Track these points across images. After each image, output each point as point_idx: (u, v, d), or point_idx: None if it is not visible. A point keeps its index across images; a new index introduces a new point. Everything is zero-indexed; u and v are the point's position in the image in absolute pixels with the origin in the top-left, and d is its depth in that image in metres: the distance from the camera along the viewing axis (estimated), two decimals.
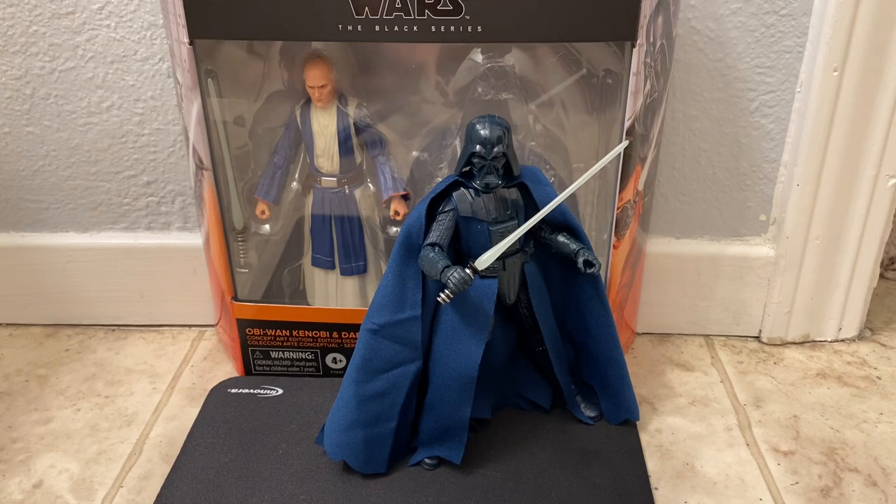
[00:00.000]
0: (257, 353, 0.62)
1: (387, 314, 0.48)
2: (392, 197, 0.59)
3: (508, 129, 0.45)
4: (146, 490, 0.53)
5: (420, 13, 0.48)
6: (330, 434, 0.50)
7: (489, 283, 0.47)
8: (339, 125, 0.57)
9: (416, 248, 0.47)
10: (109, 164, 0.67)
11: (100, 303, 0.72)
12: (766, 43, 0.61)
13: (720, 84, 0.63)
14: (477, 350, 0.48)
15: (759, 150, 0.65)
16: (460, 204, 0.46)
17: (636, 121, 0.52)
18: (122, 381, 0.65)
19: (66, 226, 0.70)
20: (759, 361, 0.67)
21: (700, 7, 0.60)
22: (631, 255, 0.60)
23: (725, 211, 0.68)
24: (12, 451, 0.57)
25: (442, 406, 0.50)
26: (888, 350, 0.69)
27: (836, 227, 0.65)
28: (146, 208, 0.69)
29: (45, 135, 0.66)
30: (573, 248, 0.48)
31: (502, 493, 0.49)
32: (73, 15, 0.62)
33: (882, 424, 0.59)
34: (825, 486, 0.53)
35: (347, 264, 0.61)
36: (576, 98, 0.59)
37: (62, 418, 0.61)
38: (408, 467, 0.51)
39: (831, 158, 0.62)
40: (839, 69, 0.59)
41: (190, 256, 0.69)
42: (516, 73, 0.57)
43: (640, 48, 0.49)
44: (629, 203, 0.56)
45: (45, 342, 0.71)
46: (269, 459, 0.52)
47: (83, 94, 0.64)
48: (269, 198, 0.60)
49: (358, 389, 0.49)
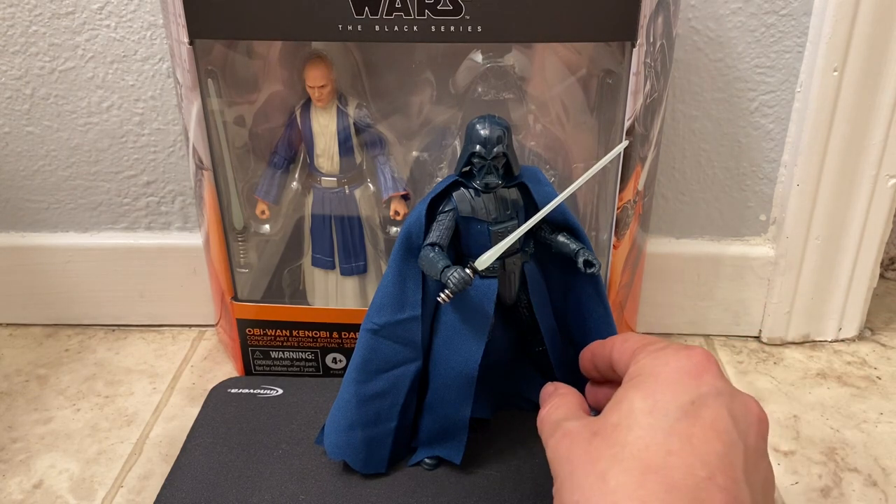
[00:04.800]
0: (257, 353, 0.62)
1: (387, 314, 0.48)
2: (392, 197, 0.59)
3: (508, 129, 0.45)
4: (146, 490, 0.53)
5: (420, 13, 0.48)
6: (330, 434, 0.50)
7: (489, 283, 0.47)
8: (339, 125, 0.57)
9: (416, 248, 0.47)
10: (109, 164, 0.67)
11: (100, 303, 0.72)
12: (766, 43, 0.61)
13: (720, 84, 0.63)
14: (477, 350, 0.48)
15: (759, 150, 0.65)
16: (460, 204, 0.46)
17: (636, 121, 0.52)
18: (122, 381, 0.65)
19: (66, 226, 0.70)
20: (759, 361, 0.68)
21: (700, 7, 0.60)
22: (631, 255, 0.60)
23: (725, 211, 0.68)
24: (12, 451, 0.57)
25: (442, 406, 0.50)
26: (888, 350, 0.69)
27: (836, 227, 0.65)
28: (146, 208, 0.69)
29: (45, 135, 0.66)
30: (573, 248, 0.48)
31: (502, 493, 0.49)
32: (73, 15, 0.62)
33: (882, 424, 0.59)
34: (825, 486, 0.53)
35: (347, 264, 0.61)
36: (576, 98, 0.59)
37: (62, 418, 0.61)
38: (408, 467, 0.51)
39: (831, 158, 0.62)
40: (839, 69, 0.59)
41: (190, 256, 0.69)
42: (516, 72, 0.57)
43: (640, 48, 0.49)
44: (629, 203, 0.56)
45: (45, 342, 0.71)
46: (269, 459, 0.52)
47: (83, 94, 0.65)
48: (269, 198, 0.60)
49: (358, 389, 0.49)
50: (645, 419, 0.34)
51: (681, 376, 0.36)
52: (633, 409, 0.35)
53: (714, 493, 0.32)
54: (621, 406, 0.36)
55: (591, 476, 0.34)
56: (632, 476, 0.32)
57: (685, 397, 0.35)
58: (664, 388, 0.36)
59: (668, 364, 0.37)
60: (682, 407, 0.34)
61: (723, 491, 0.32)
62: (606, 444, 0.34)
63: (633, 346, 0.40)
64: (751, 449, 0.35)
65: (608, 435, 0.35)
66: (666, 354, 0.38)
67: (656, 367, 0.37)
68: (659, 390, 0.35)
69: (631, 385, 0.37)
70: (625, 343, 0.41)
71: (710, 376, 0.36)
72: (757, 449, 0.35)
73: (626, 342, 0.41)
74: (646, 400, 0.35)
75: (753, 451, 0.35)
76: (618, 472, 0.33)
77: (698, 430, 0.34)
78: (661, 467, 0.32)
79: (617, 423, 0.35)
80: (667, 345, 0.39)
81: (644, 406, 0.35)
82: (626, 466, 0.33)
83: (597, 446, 0.35)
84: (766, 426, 0.37)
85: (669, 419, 0.34)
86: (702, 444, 0.33)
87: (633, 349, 0.40)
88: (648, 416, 0.34)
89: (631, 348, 0.40)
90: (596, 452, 0.35)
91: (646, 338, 0.41)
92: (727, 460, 0.33)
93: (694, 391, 0.35)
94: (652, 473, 0.32)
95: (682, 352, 0.37)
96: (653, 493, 0.32)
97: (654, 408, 0.35)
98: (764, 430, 0.37)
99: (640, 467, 0.33)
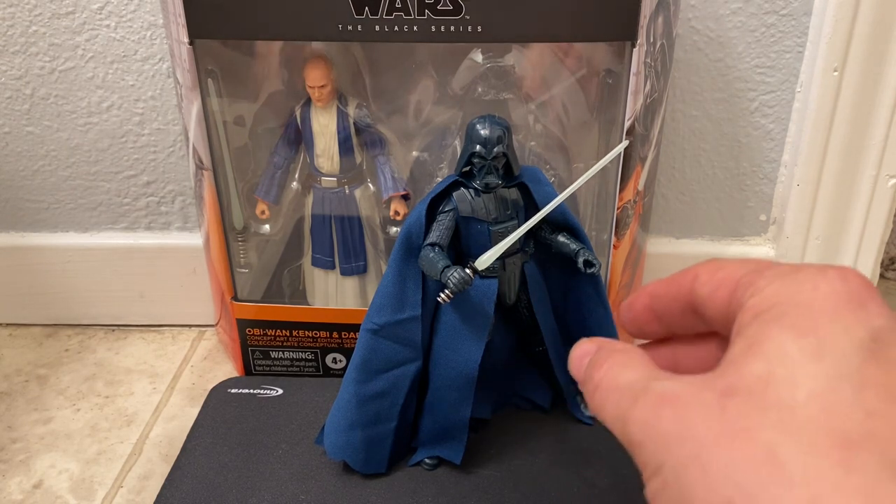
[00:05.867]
0: (257, 353, 0.62)
1: (387, 314, 0.48)
2: (392, 197, 0.59)
3: (508, 129, 0.45)
4: (146, 490, 0.53)
5: (420, 13, 0.48)
6: (330, 434, 0.50)
7: (489, 283, 0.47)
8: (339, 125, 0.57)
9: (416, 248, 0.47)
10: (109, 164, 0.67)
11: (100, 303, 0.72)
12: (767, 43, 0.61)
13: (720, 84, 0.63)
14: (477, 350, 0.48)
15: (759, 150, 0.65)
16: (460, 204, 0.46)
17: (636, 121, 0.52)
18: (122, 381, 0.65)
19: (66, 226, 0.70)
20: None
21: (700, 7, 0.60)
22: (631, 255, 0.60)
23: (725, 211, 0.68)
24: (12, 451, 0.57)
25: (442, 406, 0.50)
26: None
27: (836, 227, 0.65)
28: (146, 208, 0.69)
29: (45, 135, 0.66)
30: (573, 248, 0.48)
31: (502, 493, 0.49)
32: (73, 15, 0.62)
33: None
34: None
35: (347, 264, 0.61)
36: (576, 98, 0.59)
37: (62, 418, 0.61)
38: (408, 467, 0.51)
39: (831, 158, 0.62)
40: (839, 69, 0.59)
41: (190, 256, 0.69)
42: (516, 72, 0.57)
43: (640, 48, 0.49)
44: (629, 203, 0.56)
45: (45, 342, 0.71)
46: (269, 459, 0.52)
47: (83, 94, 0.65)
48: (269, 198, 0.60)
49: (358, 389, 0.49)
50: (814, 367, 0.23)
51: (843, 304, 0.25)
52: (788, 353, 0.23)
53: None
54: (765, 350, 0.24)
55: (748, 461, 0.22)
56: (826, 457, 0.21)
57: (860, 332, 0.24)
58: (827, 321, 0.24)
59: (819, 288, 0.25)
60: (862, 346, 0.23)
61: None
62: (757, 409, 0.23)
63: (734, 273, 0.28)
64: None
65: (756, 394, 0.23)
66: (809, 276, 0.26)
67: (802, 294, 0.25)
68: (821, 325, 0.24)
69: (767, 320, 0.25)
70: (718, 272, 0.28)
71: (875, 305, 0.25)
72: None
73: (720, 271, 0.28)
74: (805, 338, 0.24)
75: None
76: (797, 451, 0.21)
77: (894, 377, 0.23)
78: (865, 437, 0.21)
79: (766, 374, 0.23)
80: (799, 266, 0.27)
81: (806, 347, 0.23)
82: (808, 441, 0.22)
83: (739, 413, 0.23)
84: None
85: (850, 365, 0.23)
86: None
87: (736, 278, 0.27)
88: (818, 361, 0.23)
89: (733, 277, 0.27)
90: (742, 422, 0.23)
91: (751, 261, 0.28)
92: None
93: (867, 324, 0.24)
94: (856, 449, 0.21)
95: (830, 272, 0.25)
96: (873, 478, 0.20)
97: (822, 349, 0.23)
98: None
99: (833, 441, 0.21)
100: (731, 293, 0.27)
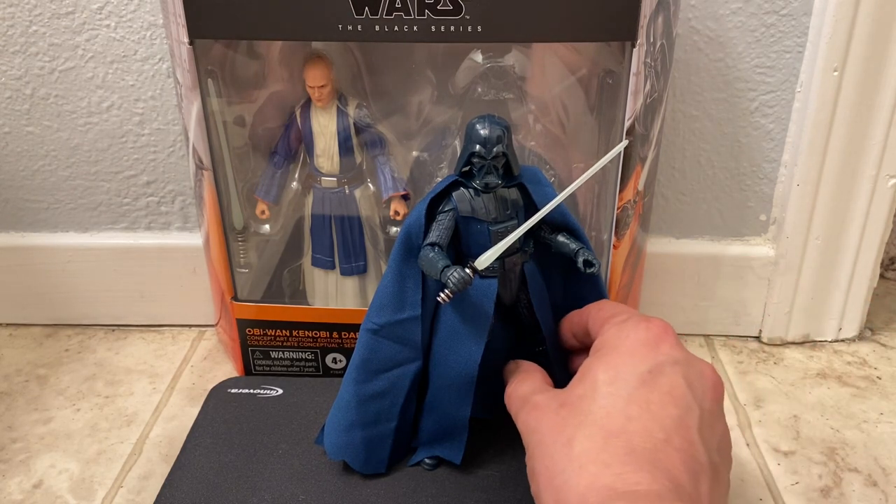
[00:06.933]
0: (257, 353, 0.62)
1: (387, 314, 0.48)
2: (392, 197, 0.59)
3: (508, 129, 0.45)
4: (146, 490, 0.53)
5: (420, 13, 0.48)
6: (330, 434, 0.50)
7: (489, 283, 0.47)
8: (339, 125, 0.57)
9: (416, 248, 0.47)
10: (109, 164, 0.67)
11: (100, 303, 0.72)
12: (767, 43, 0.61)
13: (720, 84, 0.63)
14: (477, 350, 0.48)
15: (759, 150, 0.65)
16: (460, 204, 0.46)
17: (636, 121, 0.52)
18: (122, 381, 0.65)
19: (66, 226, 0.70)
20: (759, 361, 0.68)
21: (700, 7, 0.60)
22: (631, 255, 0.60)
23: (725, 211, 0.68)
24: (12, 451, 0.57)
25: (442, 406, 0.50)
26: (888, 350, 0.69)
27: (836, 227, 0.65)
28: (146, 208, 0.69)
29: (45, 135, 0.66)
30: (573, 247, 0.48)
31: (502, 493, 0.49)
32: (73, 15, 0.62)
33: (882, 424, 0.59)
34: (825, 486, 0.53)
35: (347, 264, 0.61)
36: (576, 98, 0.59)
37: (62, 418, 0.61)
38: (408, 467, 0.51)
39: (831, 158, 0.62)
40: (839, 69, 0.59)
41: (190, 256, 0.69)
42: (516, 72, 0.57)
43: (640, 48, 0.49)
44: (629, 203, 0.56)
45: (45, 342, 0.71)
46: (269, 459, 0.52)
47: (83, 94, 0.65)
48: (269, 198, 0.60)
49: (358, 389, 0.49)
50: (606, 389, 0.37)
51: (639, 347, 0.39)
52: (597, 380, 0.38)
53: (671, 453, 0.35)
54: (586, 378, 0.39)
55: (558, 444, 0.36)
56: (595, 441, 0.35)
57: (643, 367, 0.38)
58: (624, 359, 0.38)
59: (629, 336, 0.40)
60: (640, 376, 0.37)
61: (679, 451, 0.35)
62: (572, 414, 0.37)
63: (604, 315, 0.43)
64: (706, 412, 0.37)
65: (574, 405, 0.38)
66: (628, 327, 0.40)
67: (619, 339, 0.40)
68: (620, 361, 0.38)
69: (595, 357, 0.40)
70: (599, 312, 0.44)
71: (667, 346, 0.39)
72: (712, 412, 0.38)
73: (600, 311, 0.44)
74: (608, 371, 0.38)
75: (709, 413, 0.38)
76: (582, 438, 0.36)
77: (656, 396, 0.36)
78: (621, 432, 0.35)
79: (582, 394, 0.38)
80: (629, 316, 0.41)
81: (606, 377, 0.38)
82: (589, 433, 0.36)
83: (563, 416, 0.38)
84: (722, 390, 0.40)
85: (629, 388, 0.37)
86: (659, 410, 0.36)
87: (603, 319, 0.43)
88: (610, 385, 0.37)
89: (602, 318, 0.43)
90: (563, 422, 0.37)
91: (615, 307, 0.44)
92: (683, 423, 0.36)
93: (651, 360, 0.38)
94: (613, 438, 0.35)
95: (641, 323, 0.40)
96: (614, 455, 0.34)
97: (616, 378, 0.38)
98: (719, 395, 0.39)
99: (602, 433, 0.35)
100: (597, 330, 0.42)
